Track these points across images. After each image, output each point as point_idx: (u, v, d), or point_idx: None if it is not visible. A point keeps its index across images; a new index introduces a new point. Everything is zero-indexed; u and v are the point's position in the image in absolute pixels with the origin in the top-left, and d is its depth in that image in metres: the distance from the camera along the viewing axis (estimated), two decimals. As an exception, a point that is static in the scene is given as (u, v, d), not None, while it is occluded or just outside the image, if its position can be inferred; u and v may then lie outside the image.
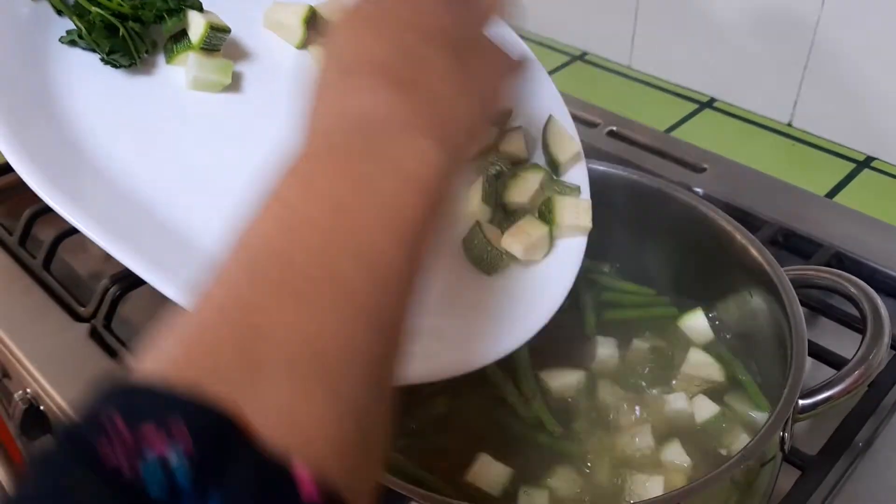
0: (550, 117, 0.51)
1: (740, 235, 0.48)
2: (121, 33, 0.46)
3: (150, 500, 0.20)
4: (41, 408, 0.62)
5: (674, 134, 0.86)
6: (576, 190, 0.50)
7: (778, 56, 0.83)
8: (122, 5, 0.47)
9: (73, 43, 0.47)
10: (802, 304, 0.61)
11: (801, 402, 0.41)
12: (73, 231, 0.68)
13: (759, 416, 0.46)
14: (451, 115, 0.32)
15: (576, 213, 0.47)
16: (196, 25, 0.48)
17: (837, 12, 0.77)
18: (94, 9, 0.46)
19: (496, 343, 0.42)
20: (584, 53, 1.00)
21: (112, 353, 0.61)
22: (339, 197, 0.27)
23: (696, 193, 0.73)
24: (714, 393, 0.49)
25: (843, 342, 0.56)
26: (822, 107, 0.83)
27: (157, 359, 0.24)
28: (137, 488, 0.20)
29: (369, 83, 0.31)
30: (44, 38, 0.47)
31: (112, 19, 0.46)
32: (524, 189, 0.48)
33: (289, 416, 0.22)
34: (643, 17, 0.93)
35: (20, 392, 0.63)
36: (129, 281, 0.64)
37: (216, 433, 0.21)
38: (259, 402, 0.22)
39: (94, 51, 0.48)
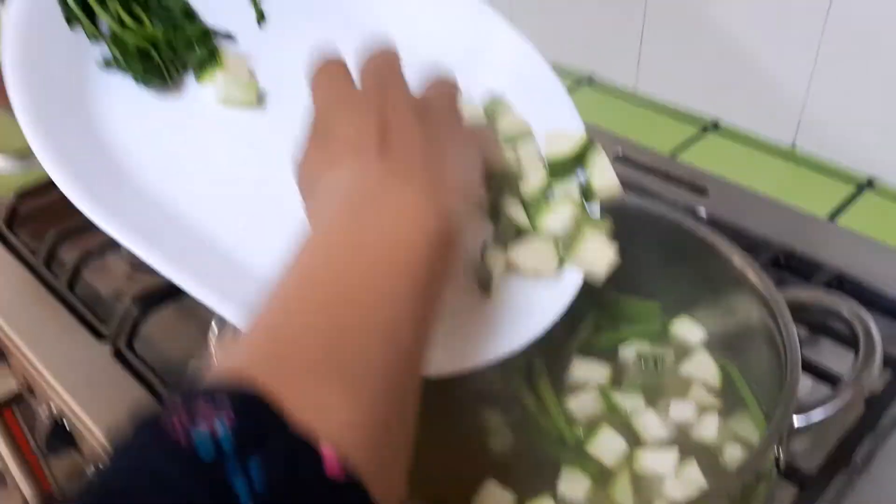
0: (595, 145, 0.50)
1: (738, 258, 0.50)
2: (153, 59, 0.49)
3: (202, 464, 0.24)
4: (65, 424, 0.64)
5: (678, 157, 0.88)
6: (603, 225, 0.48)
7: (780, 80, 0.85)
8: (155, 33, 0.49)
9: (109, 66, 0.49)
10: (803, 323, 0.63)
11: (795, 419, 0.43)
12: (96, 252, 0.72)
13: (754, 433, 0.48)
14: (434, 175, 0.36)
15: (598, 254, 0.46)
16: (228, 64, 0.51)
17: (839, 34, 0.79)
18: (128, 36, 0.48)
19: (488, 349, 0.44)
20: (591, 76, 1.03)
21: (134, 371, 0.63)
22: (353, 244, 0.33)
23: (700, 215, 0.76)
24: (712, 408, 0.51)
25: (842, 360, 0.57)
26: (824, 129, 0.85)
27: (222, 363, 0.29)
28: (191, 454, 0.25)
29: (356, 154, 0.36)
30: (82, 60, 0.49)
31: (146, 45, 0.48)
32: (555, 217, 0.47)
33: (315, 407, 0.27)
34: (648, 41, 0.95)
35: (45, 409, 0.66)
36: (150, 301, 0.66)
37: (255, 412, 0.26)
38: (290, 394, 0.27)
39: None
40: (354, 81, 0.40)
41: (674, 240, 0.54)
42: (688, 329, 0.56)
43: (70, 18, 0.49)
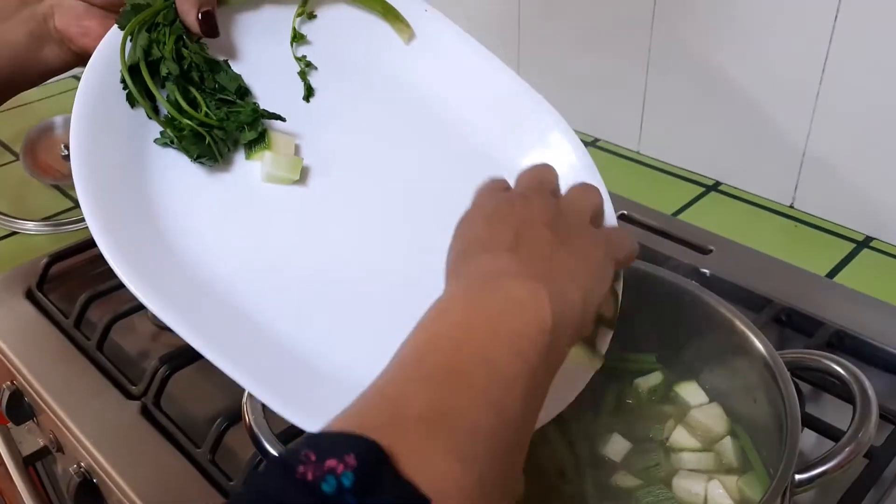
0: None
1: (739, 322, 0.52)
2: (207, 141, 0.52)
3: (325, 496, 0.28)
4: (94, 481, 0.66)
5: (681, 217, 0.91)
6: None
7: (778, 141, 0.89)
8: (209, 116, 0.52)
9: (165, 145, 0.52)
10: (807, 381, 0.66)
11: (797, 476, 0.45)
12: (125, 314, 0.75)
13: (760, 491, 0.49)
14: (557, 272, 0.39)
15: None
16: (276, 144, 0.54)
17: (832, 101, 0.83)
18: (184, 120, 0.51)
19: None
20: (596, 140, 1.07)
21: (161, 429, 0.66)
22: (466, 320, 0.36)
23: (704, 274, 0.78)
24: (718, 469, 0.52)
25: (845, 415, 0.59)
26: (821, 189, 0.88)
27: (335, 420, 0.32)
28: (316, 488, 0.28)
29: (489, 251, 0.40)
30: (142, 136, 0.51)
31: (200, 129, 0.51)
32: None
33: (424, 464, 0.30)
34: (650, 105, 1.00)
35: (74, 466, 0.68)
36: (177, 361, 0.69)
37: (375, 460, 0.29)
38: (403, 449, 0.30)
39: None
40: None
41: (676, 304, 0.56)
42: (689, 385, 0.58)
43: (132, 100, 0.52)
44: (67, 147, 1.03)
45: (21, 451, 0.78)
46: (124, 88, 0.51)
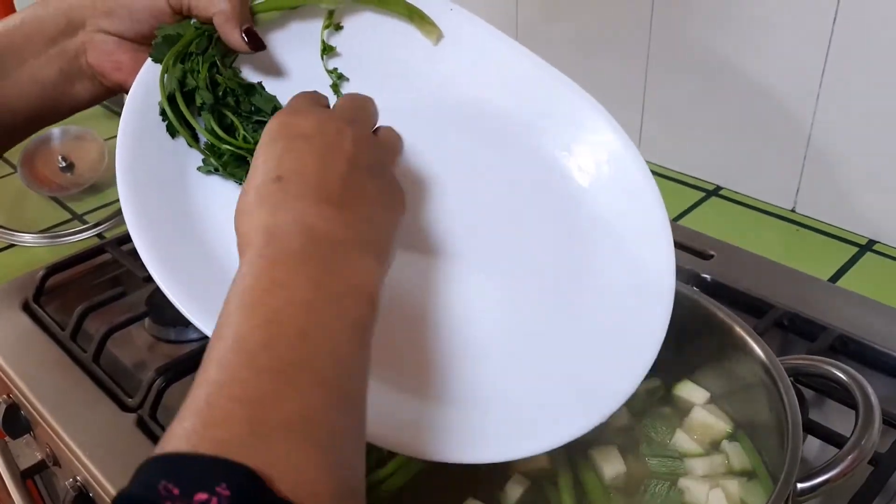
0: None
1: (739, 328, 0.52)
2: (248, 164, 0.50)
3: None
4: (90, 494, 0.66)
5: (682, 222, 0.90)
6: None
7: (779, 146, 0.88)
8: (247, 141, 0.51)
9: (209, 173, 0.52)
10: (810, 387, 0.65)
11: (799, 485, 0.44)
12: (121, 325, 0.75)
13: (764, 499, 0.49)
14: (383, 234, 0.39)
15: None
16: None
17: (832, 104, 0.82)
18: (223, 146, 0.51)
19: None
20: (596, 145, 1.06)
21: (157, 440, 0.65)
22: (308, 301, 0.34)
23: (705, 279, 0.78)
24: (722, 476, 0.52)
25: (849, 422, 0.59)
26: (823, 193, 0.87)
27: (180, 435, 0.29)
28: None
29: (309, 198, 0.38)
30: (185, 164, 0.51)
31: (241, 152, 0.51)
32: None
33: (295, 472, 0.28)
34: (649, 112, 0.99)
35: (70, 480, 0.67)
36: (173, 373, 0.68)
37: (253, 493, 0.26)
38: (279, 471, 0.28)
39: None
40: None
41: (675, 309, 0.55)
42: (691, 396, 0.57)
43: (172, 131, 0.51)
44: (65, 159, 1.04)
45: (18, 466, 0.77)
46: (164, 120, 0.51)
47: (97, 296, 0.78)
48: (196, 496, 0.25)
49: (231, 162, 0.51)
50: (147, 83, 0.52)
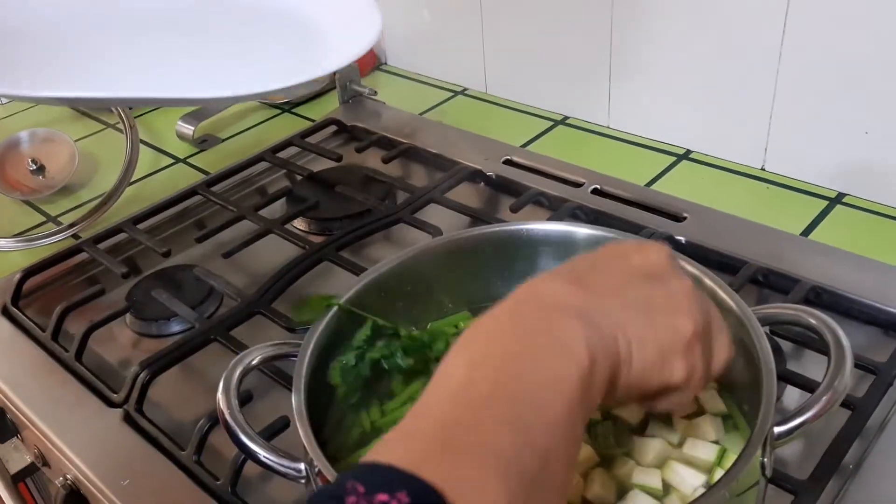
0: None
1: (708, 279, 0.52)
2: None
3: None
4: (81, 491, 0.66)
5: (654, 187, 0.91)
6: None
7: (745, 105, 0.89)
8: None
9: None
10: (788, 339, 0.66)
11: (776, 429, 0.45)
12: (102, 322, 0.75)
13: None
14: (620, 331, 0.39)
15: None
16: None
17: (794, 60, 0.83)
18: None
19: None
20: (565, 118, 1.07)
21: (145, 434, 0.65)
22: (515, 354, 0.36)
23: (679, 241, 0.78)
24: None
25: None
26: (791, 150, 0.89)
27: (384, 451, 0.32)
28: None
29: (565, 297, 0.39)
30: None
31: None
32: None
33: (477, 497, 0.30)
34: (616, 80, 1.00)
35: (60, 479, 0.67)
36: (157, 366, 0.69)
37: (427, 497, 0.29)
38: (457, 485, 0.30)
39: None
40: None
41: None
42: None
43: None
44: (35, 161, 1.03)
45: (9, 470, 0.77)
46: None
47: (76, 294, 0.78)
48: (377, 496, 0.28)
49: None
50: None
